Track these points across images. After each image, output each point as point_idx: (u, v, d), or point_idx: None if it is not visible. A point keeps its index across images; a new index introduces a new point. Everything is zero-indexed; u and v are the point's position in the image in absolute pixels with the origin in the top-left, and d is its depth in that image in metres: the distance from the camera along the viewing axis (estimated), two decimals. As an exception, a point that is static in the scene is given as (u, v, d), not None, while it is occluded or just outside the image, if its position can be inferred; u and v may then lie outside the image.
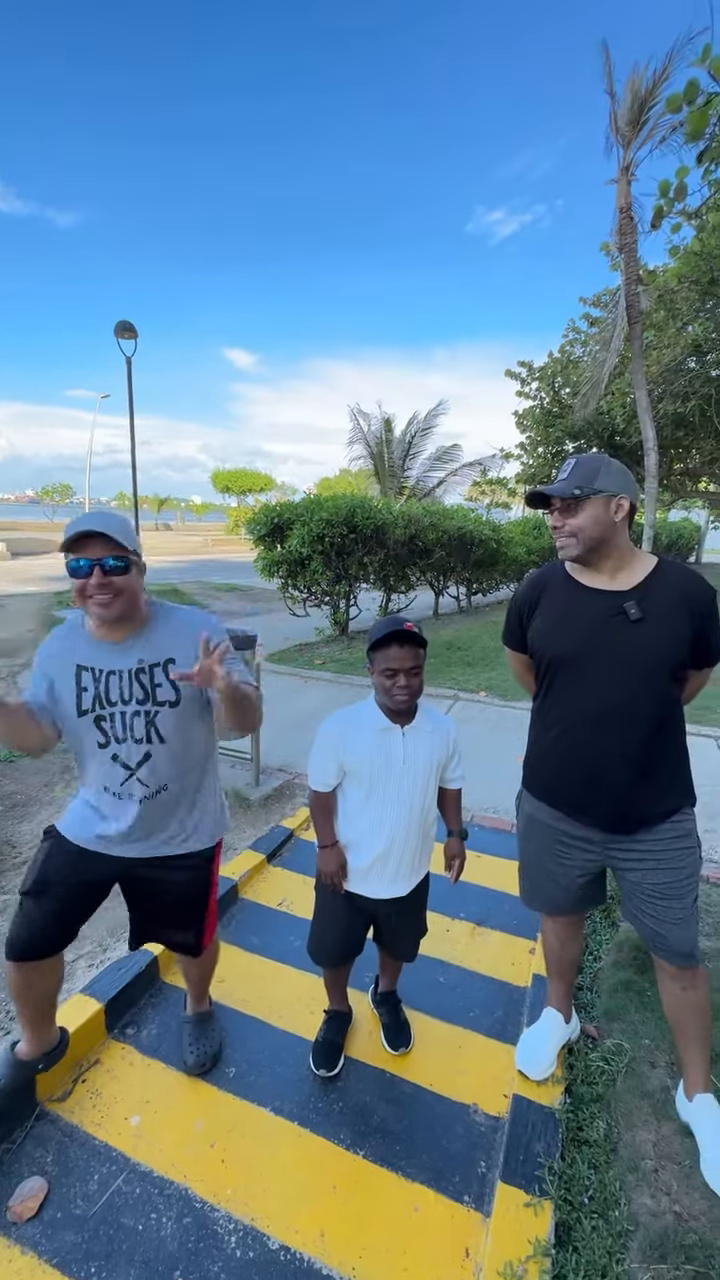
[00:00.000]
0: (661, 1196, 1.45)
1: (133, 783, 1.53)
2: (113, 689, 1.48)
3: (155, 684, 1.50)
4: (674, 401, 12.71)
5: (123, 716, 1.48)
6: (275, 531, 7.57)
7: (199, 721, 1.60)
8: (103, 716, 1.48)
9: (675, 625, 1.45)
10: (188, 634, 1.53)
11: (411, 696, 1.56)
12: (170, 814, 1.60)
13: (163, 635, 1.53)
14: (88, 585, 1.39)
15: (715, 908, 2.58)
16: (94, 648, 1.50)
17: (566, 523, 1.50)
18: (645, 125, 8.21)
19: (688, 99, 2.65)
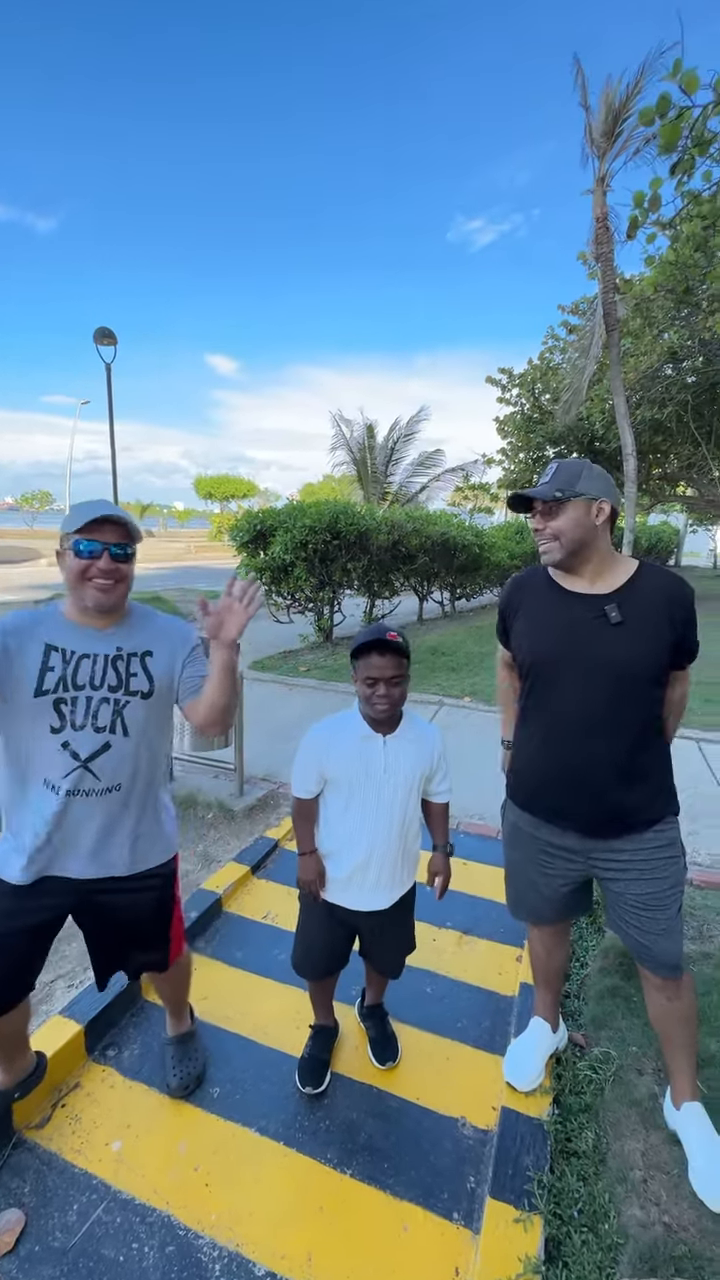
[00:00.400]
0: (651, 1207, 1.45)
1: (81, 775, 1.41)
2: (82, 672, 1.42)
3: (131, 673, 1.47)
4: (651, 408, 12.93)
5: (88, 701, 1.41)
6: (258, 538, 7.54)
7: (164, 723, 1.57)
8: (63, 700, 1.40)
9: (656, 628, 1.45)
10: (167, 635, 1.55)
11: (392, 706, 1.55)
12: (118, 821, 1.49)
13: (143, 631, 1.53)
14: (94, 567, 1.40)
15: (700, 911, 2.59)
16: (70, 630, 1.45)
17: (548, 525, 1.50)
18: (620, 137, 8.38)
19: (659, 112, 2.70)
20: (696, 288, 9.43)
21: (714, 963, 2.20)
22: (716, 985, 2.09)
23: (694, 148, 3.25)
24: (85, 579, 1.41)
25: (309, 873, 1.68)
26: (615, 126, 7.95)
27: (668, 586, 1.49)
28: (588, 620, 1.48)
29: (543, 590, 1.60)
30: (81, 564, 1.40)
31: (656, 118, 2.74)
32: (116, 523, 1.42)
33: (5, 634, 1.39)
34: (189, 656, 1.55)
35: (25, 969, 1.52)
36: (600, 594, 1.49)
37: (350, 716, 1.66)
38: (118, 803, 1.48)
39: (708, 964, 2.21)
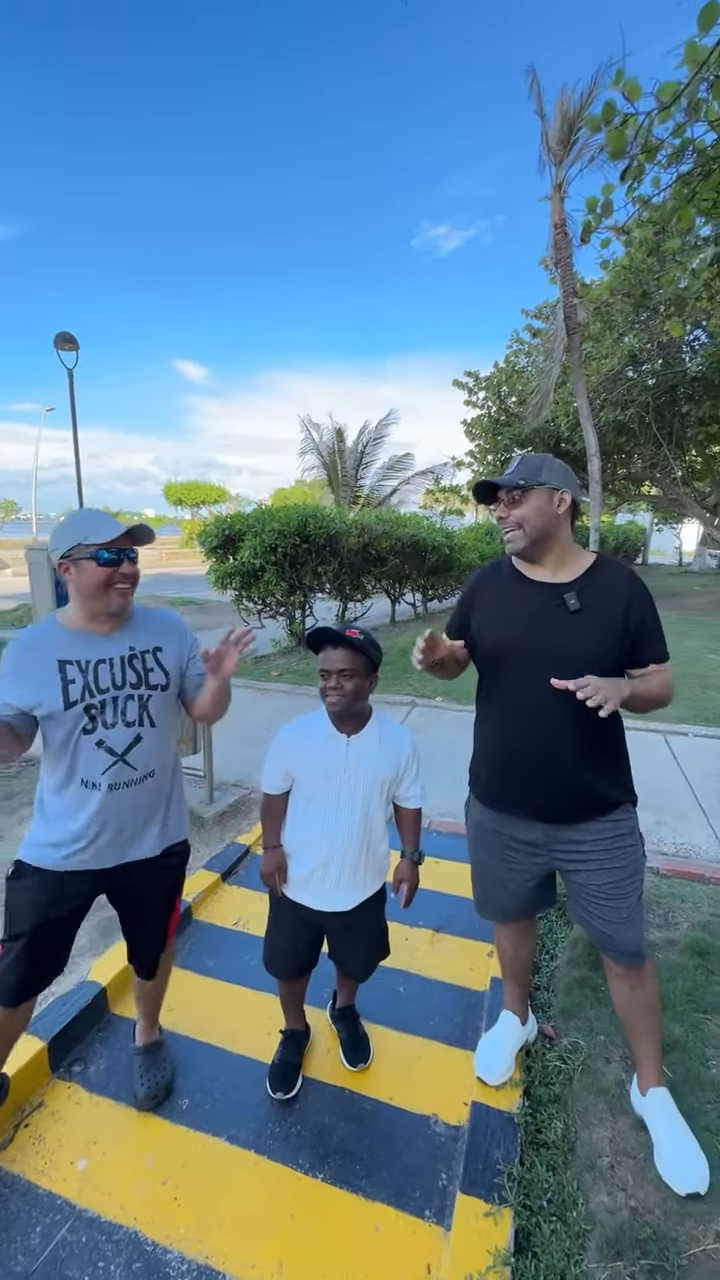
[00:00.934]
0: (618, 1193, 1.46)
1: (119, 768, 1.54)
2: (103, 676, 1.52)
3: (148, 669, 1.58)
4: (614, 409, 13.22)
5: (115, 701, 1.53)
6: (227, 543, 7.48)
7: (177, 710, 1.70)
8: (93, 705, 1.51)
9: (612, 617, 1.48)
10: (171, 630, 1.67)
11: (343, 699, 1.55)
12: (155, 804, 1.63)
13: (148, 628, 1.63)
14: (115, 574, 1.49)
15: (666, 899, 2.64)
16: (75, 642, 1.53)
17: (511, 513, 1.53)
18: (575, 145, 8.57)
19: (605, 119, 2.76)
20: (653, 292, 9.68)
21: (679, 949, 2.25)
22: (682, 971, 2.13)
23: (642, 154, 3.33)
24: (109, 585, 1.49)
25: (269, 866, 1.70)
26: (570, 134, 8.13)
27: (623, 578, 1.53)
28: (548, 608, 1.51)
29: (505, 581, 1.62)
30: (106, 571, 1.48)
31: (603, 125, 2.80)
32: (130, 534, 1.51)
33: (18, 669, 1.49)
34: (191, 652, 1.68)
35: (61, 952, 1.62)
36: (560, 583, 1.52)
37: (319, 716, 1.67)
38: (153, 788, 1.61)
39: (673, 950, 2.25)
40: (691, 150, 3.70)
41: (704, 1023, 1.92)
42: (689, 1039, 1.85)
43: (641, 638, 1.49)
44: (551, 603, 1.51)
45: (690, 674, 6.60)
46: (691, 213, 4.01)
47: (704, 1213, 1.40)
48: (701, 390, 12.88)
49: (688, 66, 2.71)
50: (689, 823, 3.44)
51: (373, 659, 1.59)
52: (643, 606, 1.50)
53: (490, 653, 1.61)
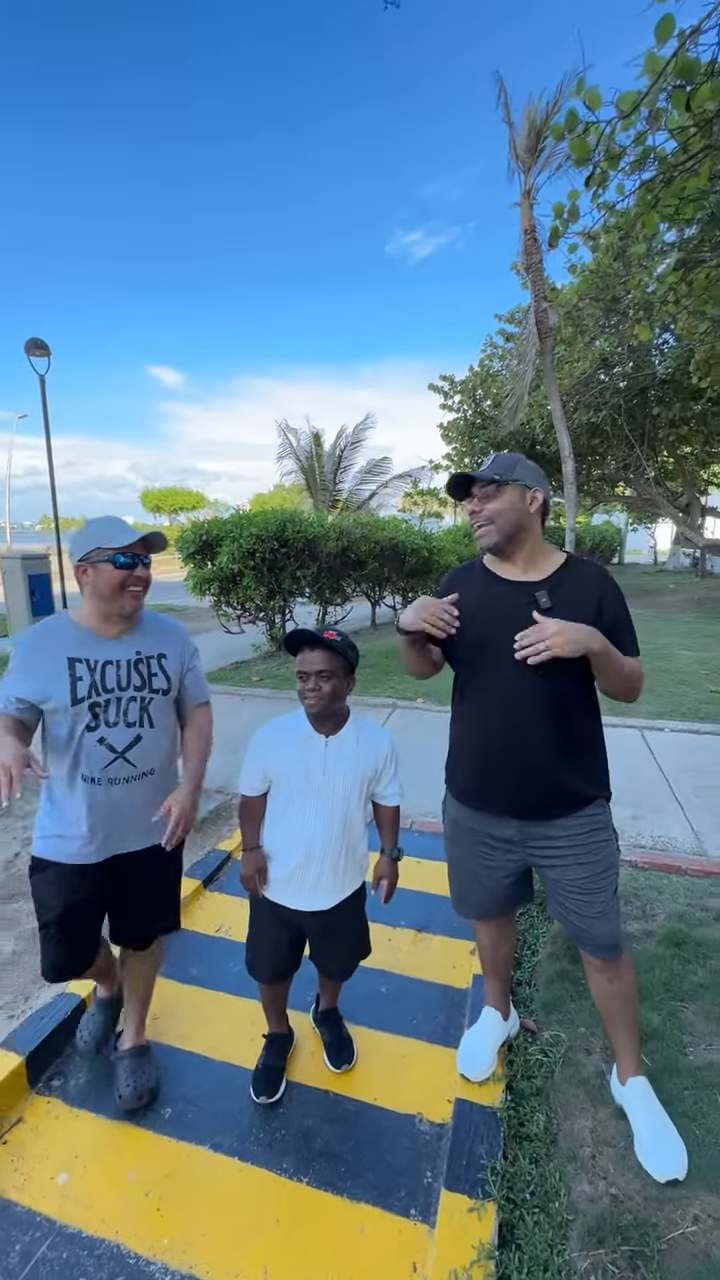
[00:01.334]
0: (599, 1181, 1.48)
1: (119, 765, 1.62)
2: (110, 677, 1.61)
3: (152, 673, 1.68)
4: (587, 412, 13.42)
5: (118, 702, 1.61)
6: (205, 548, 7.44)
7: (175, 713, 1.79)
8: (98, 703, 1.59)
9: (584, 615, 1.49)
10: (175, 639, 1.77)
11: (322, 700, 1.56)
12: (154, 799, 1.68)
13: (154, 635, 1.72)
14: (130, 577, 1.58)
15: (644, 892, 2.68)
16: (86, 642, 1.62)
17: (485, 508, 1.54)
18: (543, 152, 8.72)
19: (568, 127, 2.82)
20: (622, 296, 9.87)
21: (656, 940, 2.28)
22: (659, 962, 2.17)
23: (606, 161, 3.41)
24: (123, 587, 1.58)
25: (248, 868, 1.70)
26: (538, 142, 8.27)
27: (594, 577, 1.55)
28: (520, 606, 1.52)
29: (478, 581, 1.64)
30: (121, 574, 1.57)
31: (566, 133, 2.86)
32: (145, 541, 1.62)
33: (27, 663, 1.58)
34: (189, 663, 1.79)
35: (91, 935, 1.76)
36: (532, 581, 1.54)
37: (297, 717, 1.67)
38: (153, 785, 1.69)
39: (650, 941, 2.28)
40: (653, 158, 3.79)
41: (681, 1011, 1.95)
42: (667, 1027, 1.89)
43: (614, 634, 1.51)
44: (523, 601, 1.52)
45: (665, 670, 6.71)
46: (655, 219, 4.10)
47: (682, 1197, 1.43)
48: (671, 392, 13.14)
49: (648, 76, 2.78)
50: (666, 816, 3.49)
51: (350, 660, 1.60)
52: (615, 604, 1.53)
53: (464, 651, 1.62)
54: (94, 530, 1.59)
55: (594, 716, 1.61)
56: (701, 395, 11.93)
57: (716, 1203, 1.41)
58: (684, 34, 2.59)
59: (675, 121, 3.29)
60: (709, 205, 5.33)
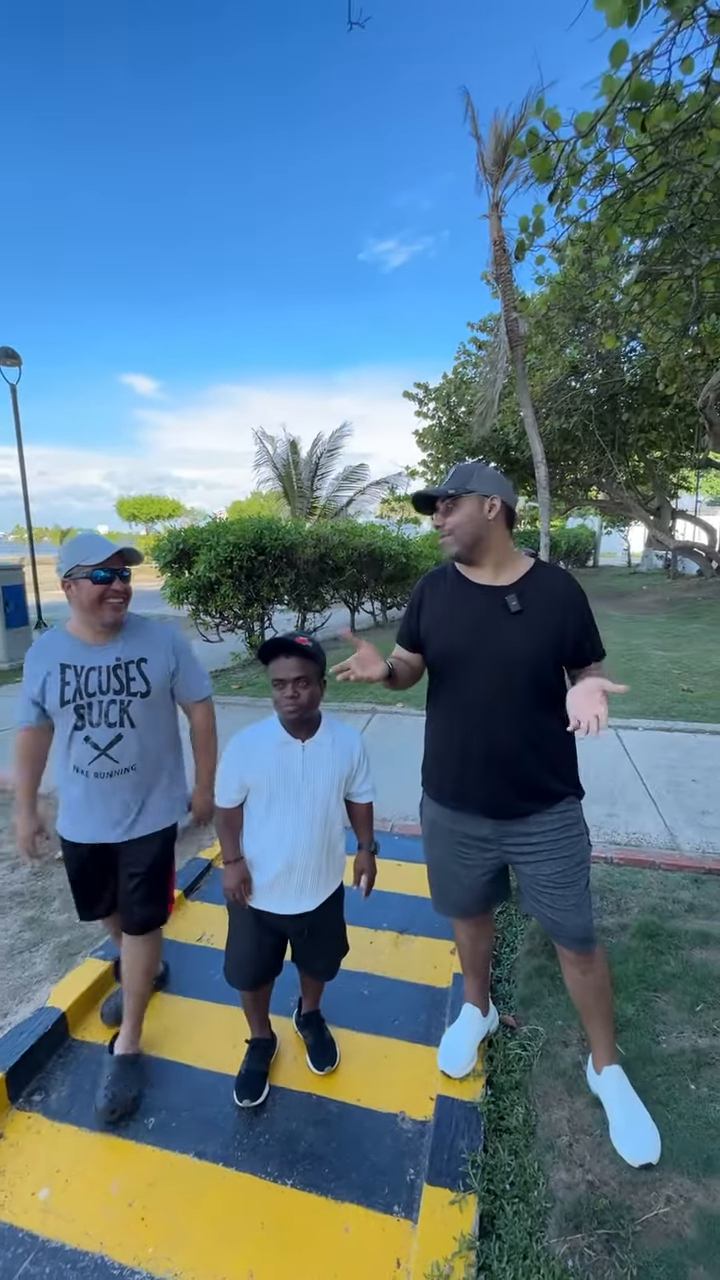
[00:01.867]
0: (576, 1169, 1.52)
1: (102, 760, 1.78)
2: (92, 682, 1.76)
3: (130, 678, 1.80)
4: (559, 418, 13.67)
5: (100, 704, 1.76)
6: (182, 557, 7.42)
7: (166, 712, 1.92)
8: (82, 705, 1.76)
9: (552, 619, 1.56)
10: (158, 643, 1.88)
11: (299, 708, 1.58)
12: (138, 793, 1.84)
13: (137, 641, 1.84)
14: (109, 590, 1.72)
15: (618, 887, 2.74)
16: (76, 649, 1.79)
17: (445, 521, 1.60)
18: (509, 166, 8.90)
19: (529, 146, 2.91)
20: (590, 306, 10.10)
21: (630, 933, 2.34)
22: (633, 954, 2.22)
23: (568, 178, 3.52)
24: (102, 600, 1.72)
25: (233, 881, 1.70)
26: (504, 156, 8.44)
27: (559, 581, 1.62)
28: (490, 610, 1.58)
29: (450, 585, 1.68)
30: (99, 589, 1.71)
31: (528, 150, 2.95)
32: (121, 554, 1.75)
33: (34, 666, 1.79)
34: (176, 669, 1.90)
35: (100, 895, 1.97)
36: (501, 585, 1.60)
37: (269, 724, 1.69)
38: (133, 779, 1.82)
39: (625, 934, 2.34)
40: (613, 174, 3.92)
41: (654, 1001, 2.01)
42: (640, 1017, 1.94)
43: (584, 639, 1.58)
44: (494, 604, 1.58)
45: (639, 670, 6.86)
46: (617, 232, 4.24)
47: (656, 1180, 1.47)
48: (640, 399, 13.45)
49: (605, 97, 2.88)
50: (640, 813, 3.57)
51: (322, 665, 1.63)
52: (581, 610, 1.59)
53: (438, 655, 1.66)
54: (74, 548, 1.73)
55: (562, 716, 1.66)
56: (668, 402, 12.25)
57: (688, 1184, 1.45)
58: (637, 58, 2.70)
59: (633, 140, 3.41)
60: (668, 220, 5.51)
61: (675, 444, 15.40)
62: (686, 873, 2.87)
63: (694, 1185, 1.45)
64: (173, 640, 1.92)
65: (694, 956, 2.20)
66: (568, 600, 1.58)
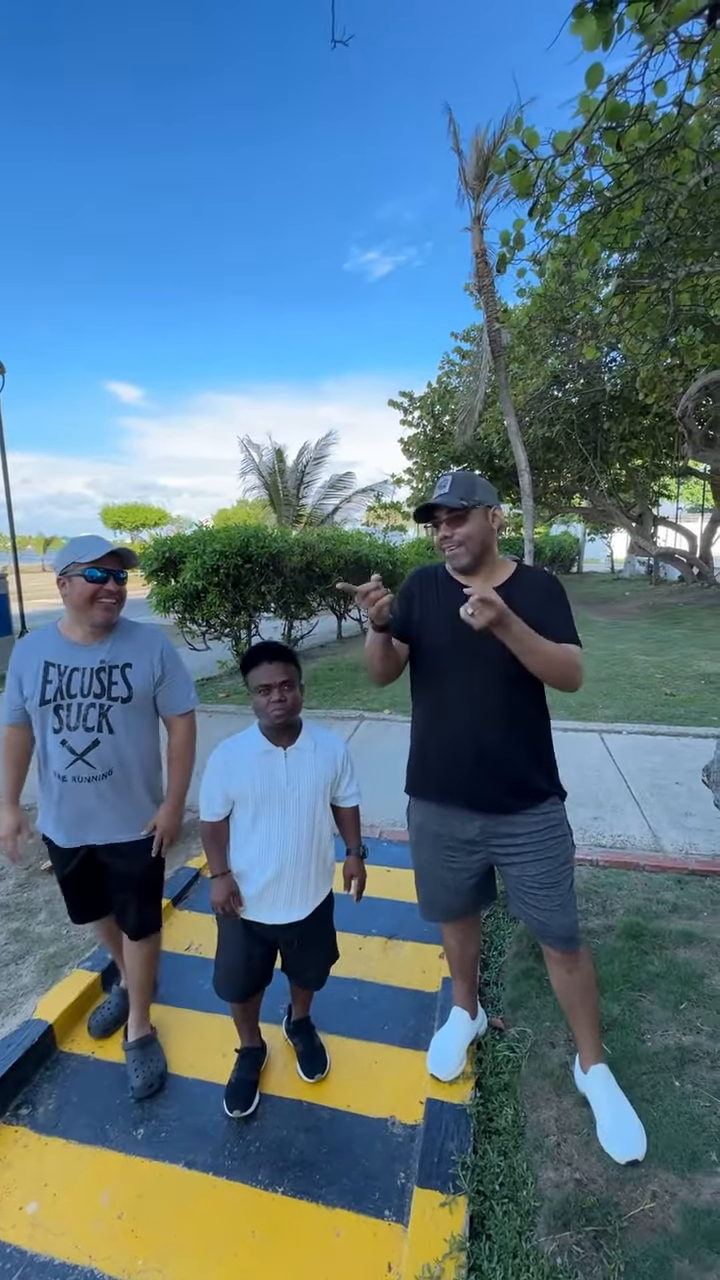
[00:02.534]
0: (564, 1168, 1.54)
1: (79, 765, 1.75)
2: (74, 684, 1.74)
3: (112, 682, 1.77)
4: (542, 426, 13.87)
5: (79, 707, 1.73)
6: (168, 565, 7.39)
7: (148, 720, 1.88)
8: (61, 705, 1.73)
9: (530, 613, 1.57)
10: (146, 650, 1.84)
11: (286, 711, 1.60)
12: (117, 798, 1.81)
13: (124, 645, 1.82)
14: (102, 590, 1.71)
15: (603, 889, 2.78)
16: (62, 648, 1.77)
17: (455, 532, 1.60)
18: (491, 180, 9.06)
19: (509, 163, 2.98)
20: (571, 318, 10.28)
21: (615, 934, 2.37)
22: (618, 955, 2.25)
23: (547, 194, 3.60)
24: (94, 600, 1.71)
25: (221, 894, 1.68)
26: (485, 171, 8.59)
27: (541, 579, 1.67)
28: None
29: (440, 585, 1.71)
30: (92, 588, 1.70)
31: (507, 168, 3.02)
32: (117, 553, 1.74)
33: (16, 665, 1.78)
34: (162, 678, 1.86)
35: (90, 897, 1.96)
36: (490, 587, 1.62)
37: (248, 735, 1.70)
38: (113, 785, 1.79)
39: (610, 936, 2.37)
40: (591, 191, 4.02)
41: (639, 1000, 2.04)
42: (626, 1016, 1.97)
43: (546, 619, 1.53)
44: None
45: (622, 675, 6.94)
46: (596, 246, 4.34)
47: (642, 1176, 1.49)
48: (621, 408, 13.69)
49: (582, 116, 2.96)
50: (624, 815, 3.62)
51: (299, 669, 1.65)
52: (552, 598, 1.61)
53: (426, 652, 1.69)
54: (71, 547, 1.73)
55: (545, 714, 1.70)
56: (649, 411, 12.48)
57: (673, 1179, 1.48)
58: (612, 80, 2.78)
59: (609, 159, 3.51)
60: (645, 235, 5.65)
61: (656, 452, 15.68)
62: (670, 874, 2.91)
63: (679, 1180, 1.47)
64: (162, 647, 1.88)
65: (678, 956, 2.23)
66: (544, 591, 1.62)
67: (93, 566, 1.69)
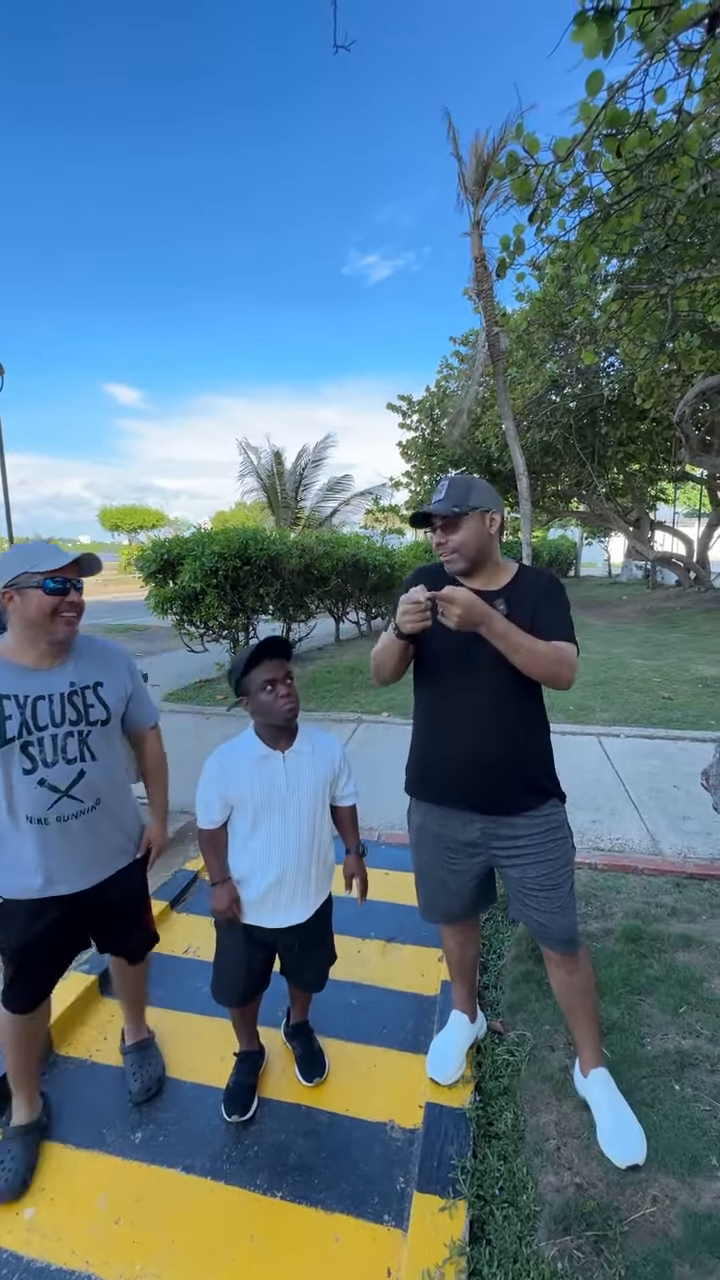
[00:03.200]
0: (564, 1172, 1.53)
1: (63, 803, 1.56)
2: (41, 714, 1.52)
3: (89, 704, 1.60)
4: (540, 430, 13.91)
5: (54, 739, 1.53)
6: (166, 567, 7.39)
7: (117, 737, 1.75)
8: (30, 742, 1.51)
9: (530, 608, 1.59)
10: (112, 665, 1.70)
11: (295, 703, 1.60)
12: (106, 829, 1.67)
13: (89, 662, 1.64)
14: (63, 603, 1.51)
15: (603, 892, 2.78)
16: (17, 675, 1.52)
17: (449, 539, 1.60)
18: (490, 186, 9.11)
19: (509, 169, 2.99)
20: (569, 322, 10.32)
21: (614, 938, 2.37)
22: (617, 958, 2.25)
23: (547, 199, 3.62)
24: (55, 614, 1.51)
25: (222, 902, 1.67)
26: (485, 176, 8.63)
27: (544, 578, 1.67)
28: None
29: (443, 584, 1.71)
30: (53, 600, 1.50)
31: (508, 173, 3.03)
32: (78, 562, 1.56)
33: None
34: (133, 693, 1.74)
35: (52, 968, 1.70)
36: (491, 590, 1.63)
37: (245, 739, 1.68)
38: (100, 815, 1.64)
39: (609, 939, 2.37)
40: (590, 197, 4.04)
41: (638, 1004, 2.03)
42: (626, 1020, 1.96)
43: (539, 616, 1.55)
44: None
45: (620, 679, 6.95)
46: (595, 252, 4.35)
47: (642, 1181, 1.49)
48: (618, 413, 13.75)
49: (583, 123, 2.98)
50: (623, 819, 3.62)
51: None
52: (549, 595, 1.61)
53: (427, 654, 1.69)
54: (20, 554, 1.52)
55: (544, 716, 1.70)
56: (646, 416, 12.53)
57: (673, 1183, 1.47)
58: (613, 88, 2.80)
59: (609, 165, 3.53)
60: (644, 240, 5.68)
61: (653, 457, 15.74)
62: (668, 877, 2.92)
63: (679, 1184, 1.47)
64: (128, 661, 1.76)
65: (677, 959, 2.23)
66: (541, 589, 1.62)
67: (51, 576, 1.49)
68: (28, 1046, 1.71)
